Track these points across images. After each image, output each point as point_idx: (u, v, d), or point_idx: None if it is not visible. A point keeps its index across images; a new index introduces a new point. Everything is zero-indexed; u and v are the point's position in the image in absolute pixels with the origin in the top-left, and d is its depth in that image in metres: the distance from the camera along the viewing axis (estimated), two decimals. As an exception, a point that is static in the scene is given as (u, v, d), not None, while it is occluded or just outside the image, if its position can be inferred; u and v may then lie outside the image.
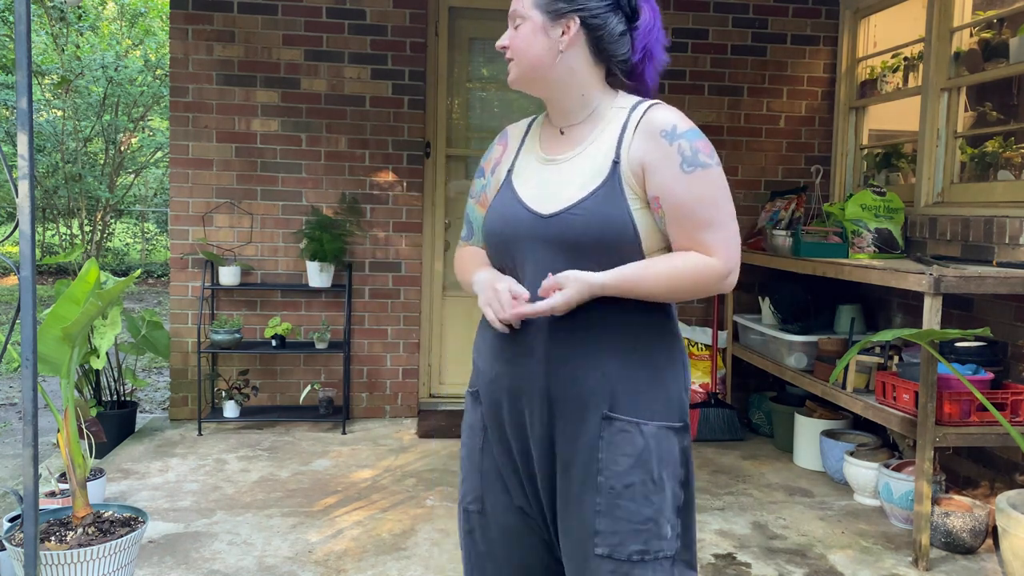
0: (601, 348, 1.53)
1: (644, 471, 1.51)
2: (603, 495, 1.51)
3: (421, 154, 4.75)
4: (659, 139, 1.49)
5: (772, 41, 4.89)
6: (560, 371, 1.54)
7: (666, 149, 1.48)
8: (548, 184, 1.57)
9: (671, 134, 1.49)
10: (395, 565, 2.92)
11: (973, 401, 3.00)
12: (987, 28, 3.80)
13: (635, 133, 1.51)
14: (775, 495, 3.72)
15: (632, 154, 1.50)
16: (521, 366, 1.57)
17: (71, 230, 12.52)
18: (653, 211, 1.51)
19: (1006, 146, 3.67)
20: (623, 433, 1.52)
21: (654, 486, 1.52)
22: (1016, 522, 2.71)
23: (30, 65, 1.79)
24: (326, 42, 4.64)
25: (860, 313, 4.28)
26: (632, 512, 1.51)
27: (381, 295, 4.78)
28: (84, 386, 4.23)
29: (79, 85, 10.98)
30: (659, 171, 1.48)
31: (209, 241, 4.62)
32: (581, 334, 1.53)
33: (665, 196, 1.48)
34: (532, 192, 1.58)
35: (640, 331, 1.55)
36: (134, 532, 2.61)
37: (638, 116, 1.53)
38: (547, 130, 1.65)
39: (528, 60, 1.56)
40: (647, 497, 1.52)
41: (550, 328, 1.54)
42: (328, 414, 4.56)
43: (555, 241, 1.52)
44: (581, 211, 1.50)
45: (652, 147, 1.49)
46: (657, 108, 1.53)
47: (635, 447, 1.52)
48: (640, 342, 1.55)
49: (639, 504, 1.51)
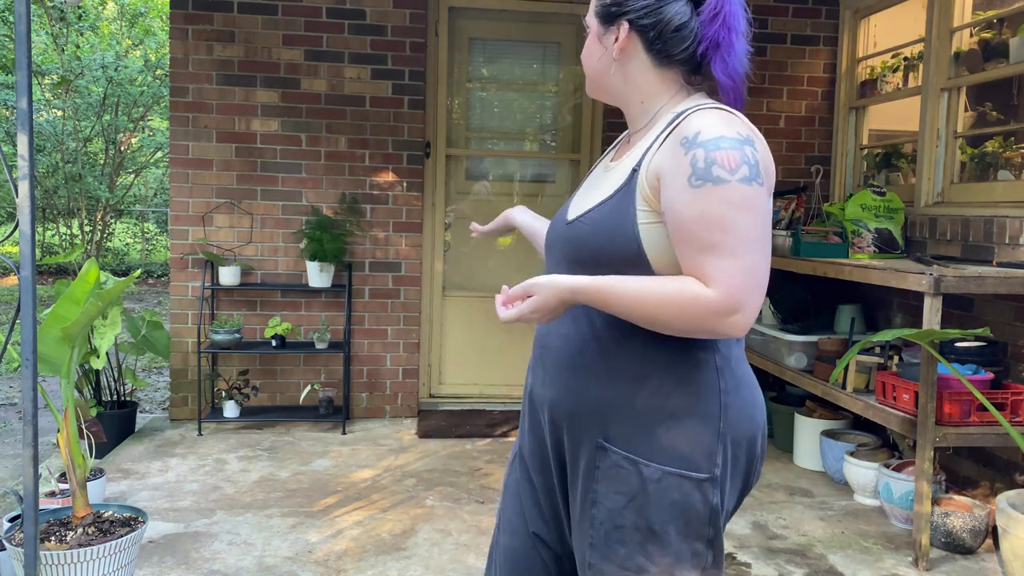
0: (601, 370, 1.38)
1: (638, 516, 1.34)
2: (595, 528, 1.38)
3: (421, 154, 4.75)
4: (677, 147, 1.29)
5: (772, 41, 4.89)
6: (561, 383, 1.43)
7: (680, 158, 1.28)
8: (590, 191, 1.47)
9: (691, 141, 1.28)
10: (395, 565, 2.92)
11: (973, 401, 3.00)
12: (987, 28, 3.80)
13: (665, 140, 1.33)
14: (775, 495, 3.72)
15: (653, 163, 1.33)
16: (537, 376, 1.52)
17: (71, 230, 12.53)
18: (665, 227, 1.32)
19: (1006, 146, 3.67)
20: (617, 468, 1.36)
21: (652, 536, 1.34)
22: (1016, 522, 2.71)
23: (30, 65, 1.79)
24: (326, 42, 4.64)
25: (860, 313, 4.28)
26: (623, 557, 1.36)
27: (381, 295, 4.78)
28: (84, 386, 4.23)
29: (79, 85, 10.98)
30: (669, 183, 1.29)
31: (209, 241, 4.62)
32: (587, 347, 1.40)
33: (668, 211, 1.29)
34: (579, 199, 1.49)
35: (649, 358, 1.36)
36: (134, 532, 2.61)
37: (679, 120, 1.33)
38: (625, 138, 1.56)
39: (589, 71, 1.47)
40: (641, 545, 1.35)
41: (555, 338, 1.46)
42: (328, 414, 4.56)
43: (568, 249, 1.43)
44: (588, 220, 1.39)
45: (670, 155, 1.30)
46: (701, 112, 1.32)
47: (629, 487, 1.35)
48: (658, 373, 1.35)
49: (630, 550, 1.35)
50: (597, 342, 1.39)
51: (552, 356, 1.46)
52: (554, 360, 1.46)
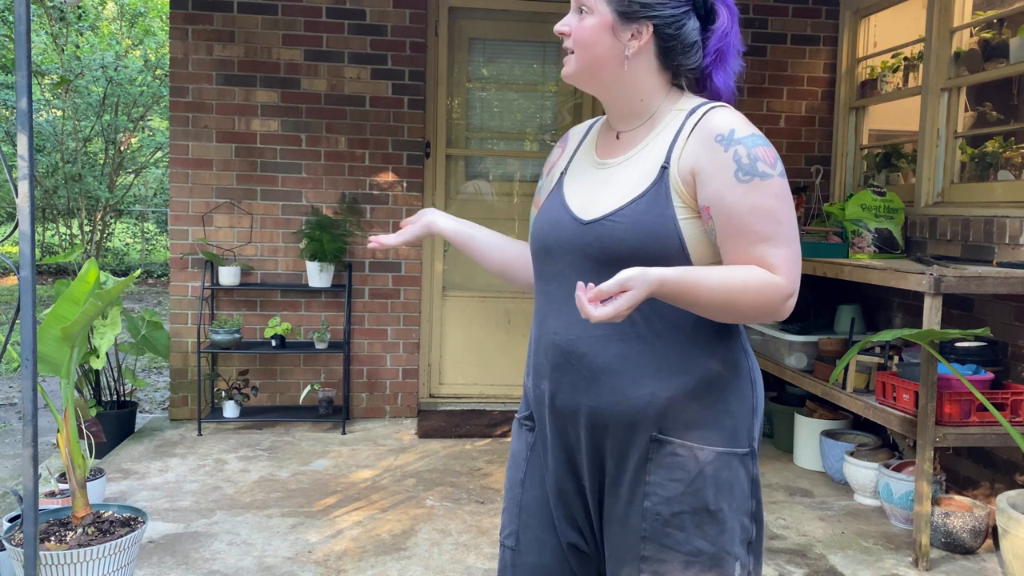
0: (650, 363, 1.40)
1: (696, 499, 1.39)
2: (648, 521, 1.40)
3: (421, 154, 4.75)
4: (713, 144, 1.35)
5: (772, 41, 4.89)
6: (606, 386, 1.42)
7: (720, 155, 1.34)
8: (596, 189, 1.46)
9: (728, 139, 1.35)
10: (395, 565, 2.92)
11: (973, 401, 3.00)
12: (987, 28, 3.80)
13: (689, 137, 1.38)
14: (775, 495, 3.72)
15: (684, 159, 1.37)
16: (562, 384, 1.46)
17: (71, 230, 12.53)
18: (703, 222, 1.37)
19: (1006, 146, 3.67)
20: (673, 456, 1.40)
21: (710, 516, 1.40)
22: (1016, 522, 2.71)
23: (30, 65, 1.79)
24: (326, 42, 4.64)
25: (860, 313, 4.28)
26: (681, 541, 1.40)
27: (381, 295, 4.78)
28: (84, 386, 4.23)
29: (79, 85, 10.98)
30: (712, 179, 1.34)
31: (209, 241, 4.62)
32: (630, 346, 1.41)
33: (716, 206, 1.34)
34: (580, 197, 1.47)
35: (696, 346, 1.41)
36: (134, 532, 2.61)
37: (696, 119, 1.39)
38: (605, 133, 1.54)
39: (591, 58, 1.43)
40: (700, 527, 1.40)
41: (586, 342, 1.43)
42: (328, 414, 4.55)
43: (592, 249, 1.40)
44: (620, 218, 1.38)
45: (705, 152, 1.35)
46: (718, 110, 1.39)
47: (687, 473, 1.40)
48: (696, 358, 1.41)
49: (689, 534, 1.40)
50: (641, 340, 1.40)
51: (587, 361, 1.43)
52: (590, 365, 1.43)
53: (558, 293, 1.47)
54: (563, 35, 1.46)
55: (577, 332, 1.44)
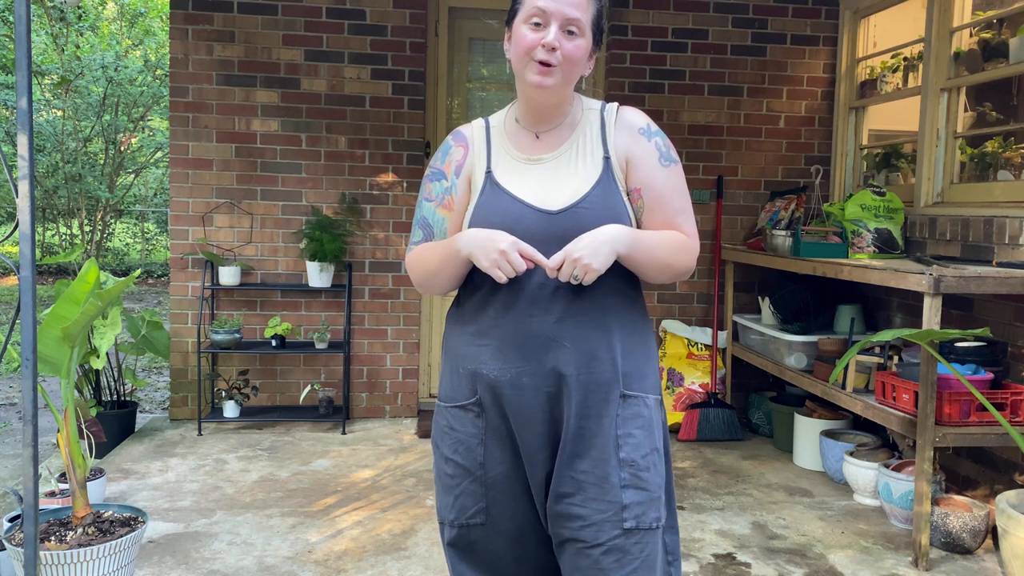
0: (613, 328, 1.62)
1: (651, 442, 1.63)
2: (626, 468, 1.60)
3: (421, 154, 4.75)
4: (639, 136, 1.66)
5: (772, 41, 4.89)
6: (582, 357, 1.59)
7: (645, 145, 1.65)
8: (544, 183, 1.63)
9: (648, 132, 1.67)
10: (395, 565, 2.93)
11: (973, 401, 3.00)
12: (987, 28, 3.80)
13: (615, 130, 1.66)
14: (775, 495, 3.72)
15: (618, 150, 1.65)
16: (549, 359, 1.59)
17: (71, 230, 12.53)
18: (632, 201, 1.65)
19: (1006, 146, 3.67)
20: (634, 407, 1.62)
21: (658, 455, 1.65)
22: (1016, 522, 2.71)
23: (30, 65, 1.79)
24: (326, 42, 4.64)
25: (860, 313, 4.28)
26: (650, 482, 1.62)
27: (381, 295, 4.78)
28: (84, 386, 4.23)
29: (79, 85, 10.98)
30: (642, 165, 1.64)
31: (209, 241, 4.62)
32: (597, 315, 1.61)
33: (647, 187, 1.64)
34: (530, 191, 1.62)
35: (635, 308, 1.68)
36: (134, 532, 2.61)
37: (612, 115, 1.68)
38: (517, 133, 1.69)
39: (574, 75, 1.62)
40: (656, 466, 1.64)
41: (566, 311, 1.59)
42: (328, 414, 4.56)
43: (566, 236, 1.56)
44: (589, 204, 1.59)
45: (634, 143, 1.65)
46: (627, 109, 1.70)
47: (645, 420, 1.63)
48: (637, 319, 1.68)
49: (653, 474, 1.63)
50: (608, 306, 1.62)
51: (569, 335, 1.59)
52: (573, 337, 1.59)
53: (529, 281, 1.59)
54: (555, 49, 1.57)
55: (557, 313, 1.59)
